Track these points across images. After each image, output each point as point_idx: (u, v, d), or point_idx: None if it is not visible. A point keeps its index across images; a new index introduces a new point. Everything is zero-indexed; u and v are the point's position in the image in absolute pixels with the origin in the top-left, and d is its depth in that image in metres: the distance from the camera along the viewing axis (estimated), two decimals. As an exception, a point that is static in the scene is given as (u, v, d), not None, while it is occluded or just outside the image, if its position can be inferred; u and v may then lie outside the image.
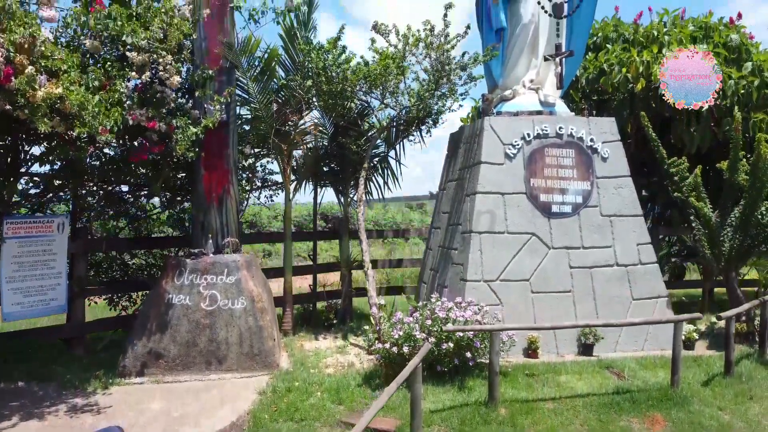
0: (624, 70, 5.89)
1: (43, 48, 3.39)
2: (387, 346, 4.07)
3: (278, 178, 6.18)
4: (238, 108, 5.23)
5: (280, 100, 5.32)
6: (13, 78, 3.21)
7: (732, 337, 4.19)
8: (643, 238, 5.22)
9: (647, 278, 5.13)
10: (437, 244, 5.92)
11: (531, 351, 4.77)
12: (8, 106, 3.28)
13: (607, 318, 4.91)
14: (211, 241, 4.72)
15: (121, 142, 4.31)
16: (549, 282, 4.99)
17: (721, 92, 5.97)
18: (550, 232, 5.10)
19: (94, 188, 4.82)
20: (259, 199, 6.02)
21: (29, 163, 4.25)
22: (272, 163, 5.75)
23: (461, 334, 4.04)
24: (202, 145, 4.57)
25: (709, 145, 6.26)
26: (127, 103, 3.99)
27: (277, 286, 5.74)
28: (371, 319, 4.78)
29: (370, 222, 20.76)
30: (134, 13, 4.13)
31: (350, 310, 6.26)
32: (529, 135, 5.18)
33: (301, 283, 6.91)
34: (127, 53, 4.00)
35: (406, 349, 3.98)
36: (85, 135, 3.47)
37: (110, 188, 4.95)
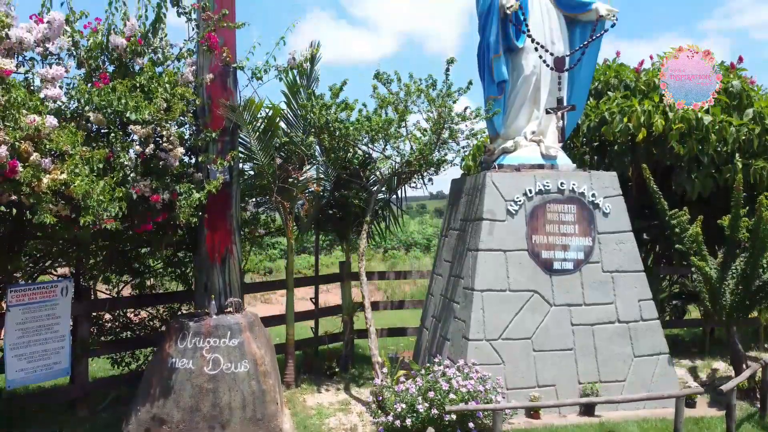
0: (625, 119, 5.91)
1: (48, 132, 3.41)
2: (390, 418, 4.08)
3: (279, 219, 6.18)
4: (240, 163, 5.25)
5: (283, 155, 5.34)
6: (19, 170, 3.23)
7: (734, 409, 4.19)
8: (645, 294, 5.24)
9: (649, 335, 5.15)
10: (439, 291, 5.93)
11: (533, 411, 4.78)
12: (14, 197, 3.29)
13: (608, 375, 4.95)
14: (214, 302, 4.73)
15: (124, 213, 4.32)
16: (551, 340, 5.00)
17: (722, 140, 6.00)
18: (552, 289, 5.12)
19: (97, 250, 4.83)
20: (261, 242, 6.04)
21: (33, 236, 4.27)
22: (274, 212, 5.75)
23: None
24: (205, 207, 4.58)
25: (710, 190, 6.28)
26: (131, 175, 4.01)
27: (279, 309, 5.66)
28: (373, 373, 4.79)
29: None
30: (138, 84, 4.14)
31: (352, 356, 6.28)
32: (530, 191, 5.19)
33: (304, 305, 6.81)
34: (131, 126, 4.01)
35: (408, 422, 4.00)
36: (90, 223, 3.49)
37: (113, 248, 4.96)
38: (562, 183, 5.21)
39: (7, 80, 3.37)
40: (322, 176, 5.59)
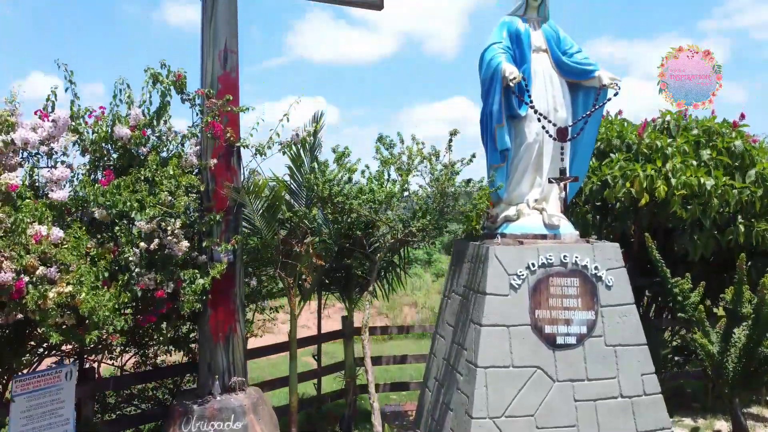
0: (627, 184, 5.92)
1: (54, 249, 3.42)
2: None
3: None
4: (244, 236, 5.25)
5: (287, 227, 5.35)
6: (25, 291, 3.24)
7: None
8: (647, 368, 5.25)
9: (652, 409, 5.17)
10: (442, 355, 5.95)
11: (536, 491, 4.79)
12: (20, 315, 3.31)
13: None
14: (218, 382, 4.75)
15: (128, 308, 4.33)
16: (554, 417, 5.02)
17: (725, 202, 6.01)
18: (555, 364, 5.13)
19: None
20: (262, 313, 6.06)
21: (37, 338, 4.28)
22: (276, 279, 5.76)
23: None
24: (208, 291, 4.59)
25: (712, 251, 6.29)
26: (136, 270, 4.02)
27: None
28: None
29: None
30: (142, 178, 4.15)
31: (354, 418, 6.30)
32: (533, 264, 5.20)
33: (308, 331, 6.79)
34: (136, 222, 4.02)
35: None
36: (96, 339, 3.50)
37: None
38: (564, 256, 5.22)
39: (13, 195, 3.37)
40: (325, 244, 5.59)
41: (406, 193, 5.56)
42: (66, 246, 3.54)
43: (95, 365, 5.08)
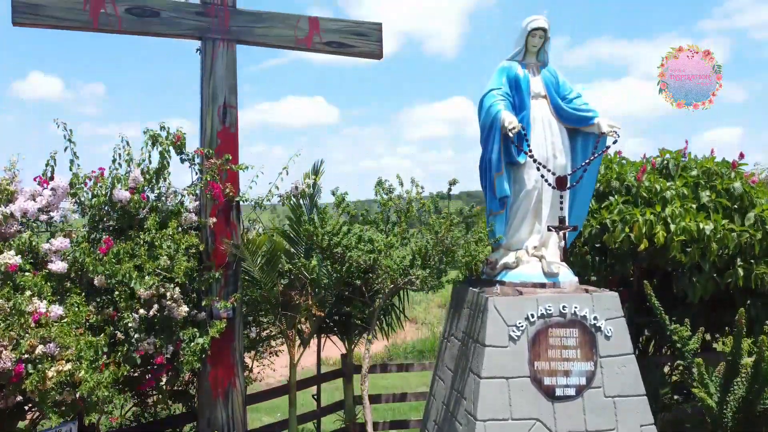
0: (627, 229, 5.92)
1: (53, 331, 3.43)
2: None
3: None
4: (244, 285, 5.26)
5: (286, 278, 5.36)
6: (24, 374, 3.25)
7: None
8: (647, 419, 5.25)
9: (651, 461, 5.18)
10: (441, 398, 5.95)
11: None
12: (20, 397, 3.31)
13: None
14: (217, 439, 4.76)
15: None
16: (553, 469, 5.02)
17: (724, 245, 6.01)
18: (554, 416, 5.13)
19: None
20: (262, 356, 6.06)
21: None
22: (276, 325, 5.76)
23: None
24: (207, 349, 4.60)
25: (711, 292, 6.30)
26: (135, 336, 4.03)
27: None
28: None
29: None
30: (142, 241, 4.16)
31: (355, 461, 6.31)
32: (533, 315, 5.21)
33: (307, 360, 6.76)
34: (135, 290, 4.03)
35: None
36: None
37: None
38: (564, 306, 5.22)
39: (12, 276, 3.38)
40: (324, 294, 5.60)
41: (405, 241, 5.58)
42: (65, 320, 3.54)
43: (95, 421, 5.09)
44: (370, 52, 5.33)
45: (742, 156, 6.72)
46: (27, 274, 3.61)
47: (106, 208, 4.28)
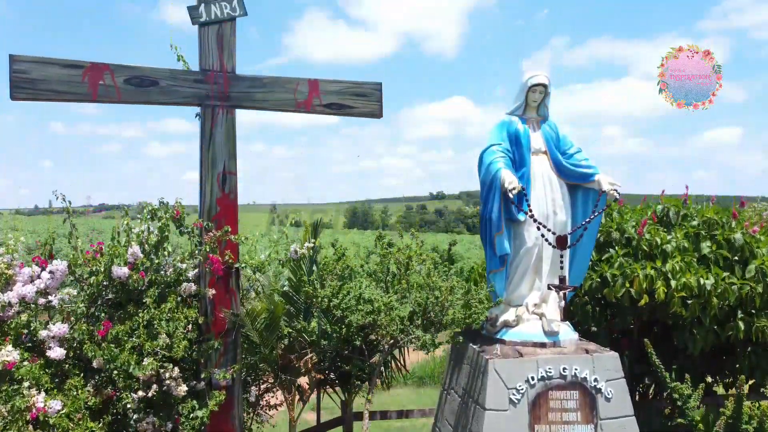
0: (627, 284, 5.91)
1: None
2: None
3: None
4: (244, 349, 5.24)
5: (286, 340, 5.35)
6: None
7: None
8: (647, 482, 5.25)
9: None
10: (441, 452, 5.95)
11: None
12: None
13: None
14: (216, 507, 4.74)
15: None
16: None
17: (725, 299, 6.00)
18: (554, 481, 5.13)
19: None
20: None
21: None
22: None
23: None
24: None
25: (712, 344, 6.29)
26: (134, 417, 4.01)
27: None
28: None
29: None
30: (141, 320, 4.15)
31: None
32: (533, 378, 5.20)
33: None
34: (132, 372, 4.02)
35: None
36: None
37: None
38: (564, 368, 5.21)
39: (11, 373, 3.37)
40: (323, 355, 5.59)
41: (404, 299, 5.56)
42: (64, 411, 3.53)
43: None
44: (370, 113, 5.31)
45: (743, 204, 6.72)
46: (25, 363, 3.60)
47: (104, 283, 4.27)
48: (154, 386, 4.05)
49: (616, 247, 6.27)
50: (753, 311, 6.20)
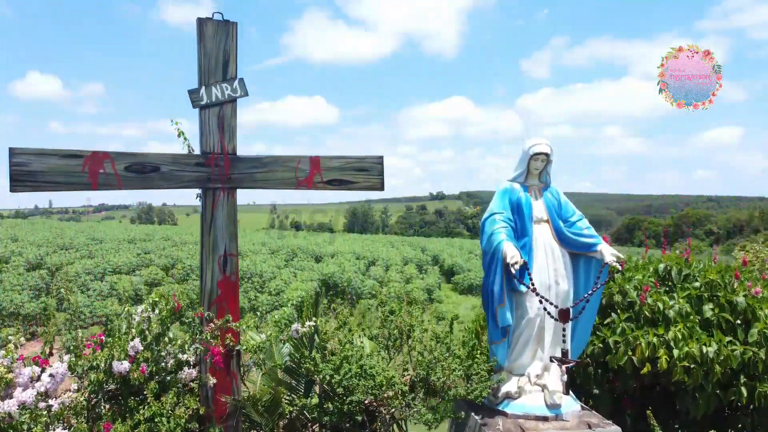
0: (629, 352, 5.89)
1: None
2: None
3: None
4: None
5: (287, 418, 5.32)
6: None
7: None
8: None
9: None
10: None
11: None
12: None
13: None
14: None
15: None
16: None
17: (728, 363, 5.97)
18: None
19: None
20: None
21: None
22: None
23: None
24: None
25: (714, 408, 6.27)
26: None
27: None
28: None
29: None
30: (142, 417, 4.12)
31: None
32: (535, 456, 5.18)
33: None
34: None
35: None
36: None
37: None
38: (566, 445, 5.21)
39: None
40: (324, 426, 5.56)
41: (406, 373, 5.55)
42: None
43: None
44: (371, 187, 5.29)
45: (744, 263, 6.69)
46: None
47: (105, 377, 4.25)
48: (156, 487, 4.03)
49: (618, 312, 6.25)
50: (756, 374, 6.18)
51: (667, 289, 6.55)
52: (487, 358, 5.61)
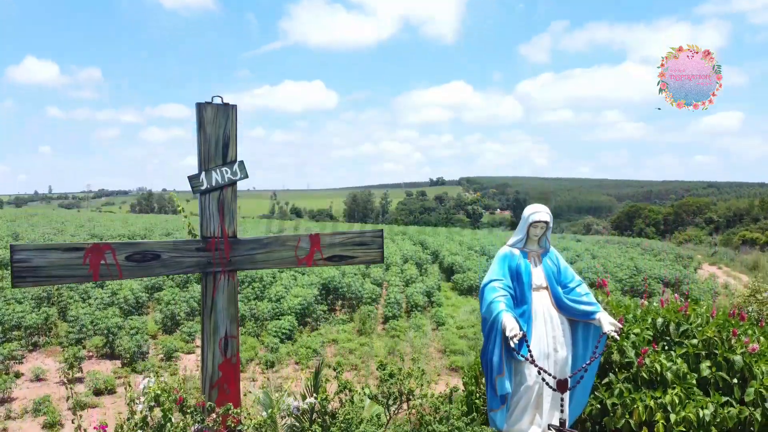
0: (627, 415, 5.95)
1: None
2: None
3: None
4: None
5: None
6: None
7: None
8: None
9: None
10: None
11: None
12: None
13: None
14: None
15: None
16: None
17: (725, 425, 6.04)
18: None
19: None
20: None
21: None
22: None
23: None
24: None
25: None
26: None
27: None
28: None
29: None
30: None
31: None
32: None
33: None
34: None
35: None
36: None
37: None
38: None
39: None
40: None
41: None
42: None
43: None
44: (371, 260, 5.33)
45: (743, 318, 6.74)
46: None
47: (109, 470, 4.31)
48: None
49: (617, 370, 6.30)
50: (751, 432, 6.23)
51: (665, 345, 6.59)
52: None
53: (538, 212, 5.64)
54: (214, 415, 4.45)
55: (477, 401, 7.39)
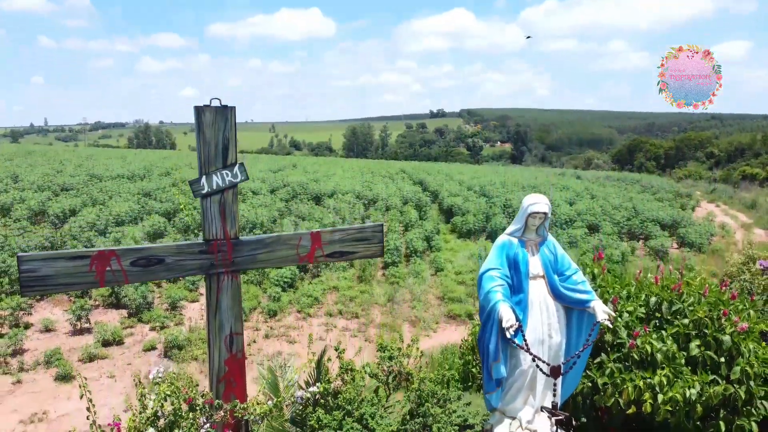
0: (617, 395, 6.21)
1: None
2: None
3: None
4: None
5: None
6: None
7: None
8: None
9: None
10: None
11: None
12: None
13: None
14: None
15: None
16: None
17: (710, 402, 6.32)
18: None
19: None
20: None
21: None
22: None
23: None
24: None
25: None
26: None
27: None
28: None
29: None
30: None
31: None
32: (524, 503, 5.60)
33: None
34: None
35: None
36: None
37: None
38: (554, 494, 5.62)
39: None
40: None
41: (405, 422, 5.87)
42: None
43: None
44: (372, 255, 5.42)
45: (734, 297, 6.90)
46: None
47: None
48: None
49: (609, 350, 6.52)
50: (735, 408, 6.51)
51: (657, 323, 6.78)
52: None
53: (537, 203, 5.68)
54: (221, 413, 4.66)
55: (473, 369, 7.63)
